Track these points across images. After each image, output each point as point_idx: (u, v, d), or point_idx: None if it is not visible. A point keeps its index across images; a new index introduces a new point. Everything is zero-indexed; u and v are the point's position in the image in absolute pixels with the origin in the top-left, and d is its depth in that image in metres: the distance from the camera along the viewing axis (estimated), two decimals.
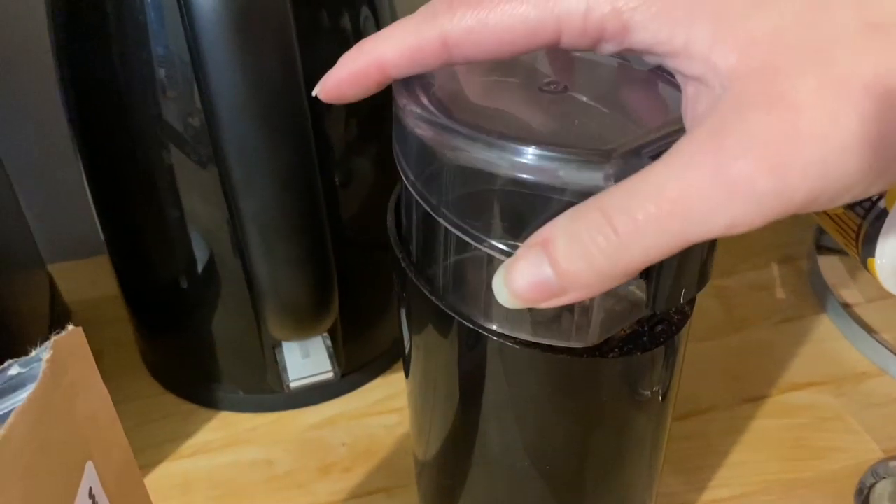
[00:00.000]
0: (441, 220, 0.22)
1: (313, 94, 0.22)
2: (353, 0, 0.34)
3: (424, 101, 0.21)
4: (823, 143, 0.16)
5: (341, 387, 0.41)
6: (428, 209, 0.22)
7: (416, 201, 0.23)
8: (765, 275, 0.48)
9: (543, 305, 0.19)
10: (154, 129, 0.33)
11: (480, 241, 0.21)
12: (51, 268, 0.48)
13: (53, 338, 0.20)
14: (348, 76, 0.21)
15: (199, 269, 0.37)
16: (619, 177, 0.18)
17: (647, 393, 0.26)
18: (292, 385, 0.36)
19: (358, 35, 0.34)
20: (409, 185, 0.23)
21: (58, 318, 0.45)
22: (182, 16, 0.25)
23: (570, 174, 0.19)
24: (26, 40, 0.45)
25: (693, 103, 0.18)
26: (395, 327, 0.43)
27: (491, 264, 0.21)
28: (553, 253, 0.18)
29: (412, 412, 0.30)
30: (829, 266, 0.47)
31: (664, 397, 0.26)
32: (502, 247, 0.21)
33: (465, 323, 0.23)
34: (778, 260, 0.50)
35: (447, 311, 0.24)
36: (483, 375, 0.25)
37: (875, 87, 0.16)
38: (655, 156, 0.19)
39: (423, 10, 0.20)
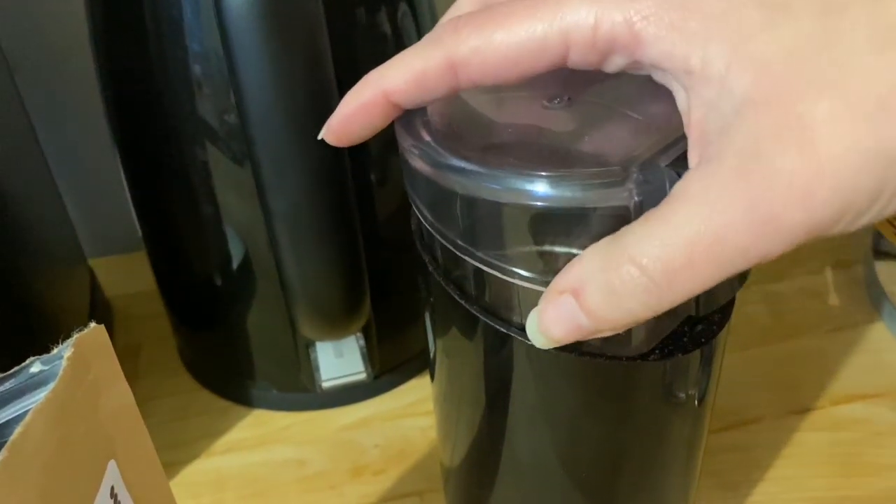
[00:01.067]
0: (462, 255, 0.22)
1: (319, 137, 0.22)
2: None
3: (427, 138, 0.21)
4: (844, 167, 0.16)
5: (375, 387, 0.40)
6: (447, 244, 0.22)
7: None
8: (818, 280, 0.46)
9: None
10: (191, 127, 0.32)
11: (505, 273, 0.21)
12: (93, 263, 0.48)
13: (75, 335, 0.20)
14: (354, 111, 0.21)
15: (235, 266, 0.36)
16: (642, 191, 0.18)
17: (686, 396, 0.25)
18: (325, 385, 0.35)
19: (396, 31, 0.34)
20: (425, 222, 0.23)
21: (98, 313, 0.46)
22: (215, 13, 0.25)
23: (591, 196, 0.19)
24: (68, 41, 0.46)
25: (699, 120, 0.18)
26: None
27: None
28: (587, 304, 0.18)
29: (439, 417, 0.29)
30: (887, 272, 0.45)
31: (702, 401, 0.25)
32: (526, 273, 0.21)
33: (501, 328, 0.22)
34: (832, 265, 0.47)
35: (480, 315, 0.23)
36: (512, 380, 0.24)
37: (890, 103, 0.16)
38: (673, 162, 0.18)
39: (428, 35, 0.20)
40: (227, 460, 0.39)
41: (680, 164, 0.18)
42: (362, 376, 0.36)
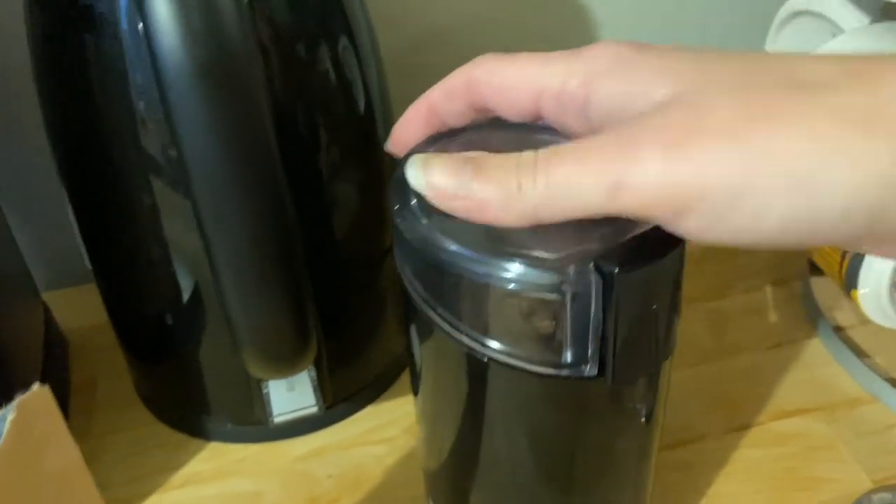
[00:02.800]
0: (427, 310, 0.24)
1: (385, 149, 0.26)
2: (330, 34, 0.34)
3: (413, 202, 0.23)
4: (708, 154, 0.18)
5: (330, 417, 0.41)
6: (418, 301, 0.24)
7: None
8: (758, 297, 0.48)
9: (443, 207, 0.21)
10: (136, 163, 0.33)
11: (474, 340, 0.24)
12: (47, 296, 0.48)
13: (18, 398, 0.21)
14: (409, 118, 0.25)
15: (186, 301, 0.37)
16: (573, 285, 0.21)
17: (633, 411, 0.26)
18: (276, 420, 0.36)
19: (337, 64, 0.35)
20: (402, 276, 0.25)
21: (52, 347, 0.46)
22: (153, 71, 0.26)
23: (525, 287, 0.22)
24: (13, 76, 0.46)
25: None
26: (382, 358, 0.43)
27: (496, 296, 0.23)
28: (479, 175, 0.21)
29: (421, 426, 0.30)
30: (823, 287, 0.46)
31: (649, 419, 0.27)
32: (498, 346, 0.23)
33: (476, 353, 0.24)
34: (772, 282, 0.49)
35: (459, 340, 0.24)
36: (484, 394, 0.26)
37: (770, 115, 0.18)
38: (600, 259, 0.21)
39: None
40: (184, 494, 0.39)
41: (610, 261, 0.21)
42: (314, 410, 0.37)
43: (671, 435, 0.40)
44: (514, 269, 0.21)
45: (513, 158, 0.20)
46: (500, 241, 0.22)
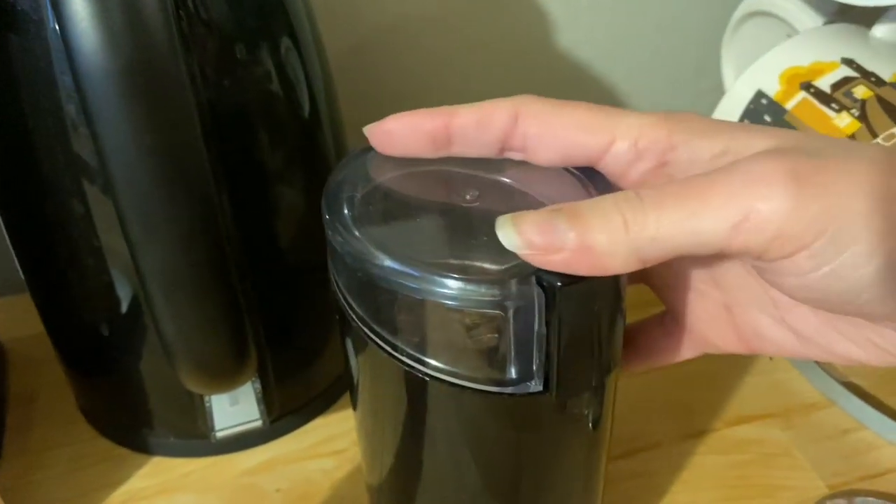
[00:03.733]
0: (363, 328, 0.23)
1: (364, 128, 0.24)
2: (270, 34, 0.33)
3: (346, 215, 0.22)
4: (796, 202, 0.18)
5: (277, 429, 0.40)
6: (353, 316, 0.23)
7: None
8: None
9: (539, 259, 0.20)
10: (66, 168, 0.31)
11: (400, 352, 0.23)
12: None
13: None
14: (417, 121, 0.23)
15: (123, 311, 0.35)
16: (515, 300, 0.20)
17: (580, 417, 0.25)
18: (218, 435, 0.34)
19: (279, 65, 0.33)
20: (336, 290, 0.24)
21: None
22: (73, 78, 0.24)
23: (467, 303, 0.21)
24: None
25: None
26: (330, 368, 0.42)
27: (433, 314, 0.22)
28: (576, 211, 0.19)
29: (361, 441, 0.29)
30: None
31: (597, 424, 0.26)
32: (438, 365, 0.22)
33: (416, 371, 0.23)
34: None
35: (396, 357, 0.23)
36: (425, 412, 0.25)
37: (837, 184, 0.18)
38: (542, 272, 0.20)
39: None
40: None
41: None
42: (258, 424, 0.35)
43: (625, 443, 0.39)
44: (452, 286, 0.20)
45: (608, 199, 0.19)
46: (438, 254, 0.21)
